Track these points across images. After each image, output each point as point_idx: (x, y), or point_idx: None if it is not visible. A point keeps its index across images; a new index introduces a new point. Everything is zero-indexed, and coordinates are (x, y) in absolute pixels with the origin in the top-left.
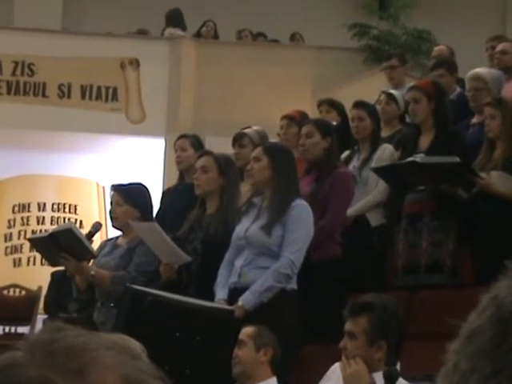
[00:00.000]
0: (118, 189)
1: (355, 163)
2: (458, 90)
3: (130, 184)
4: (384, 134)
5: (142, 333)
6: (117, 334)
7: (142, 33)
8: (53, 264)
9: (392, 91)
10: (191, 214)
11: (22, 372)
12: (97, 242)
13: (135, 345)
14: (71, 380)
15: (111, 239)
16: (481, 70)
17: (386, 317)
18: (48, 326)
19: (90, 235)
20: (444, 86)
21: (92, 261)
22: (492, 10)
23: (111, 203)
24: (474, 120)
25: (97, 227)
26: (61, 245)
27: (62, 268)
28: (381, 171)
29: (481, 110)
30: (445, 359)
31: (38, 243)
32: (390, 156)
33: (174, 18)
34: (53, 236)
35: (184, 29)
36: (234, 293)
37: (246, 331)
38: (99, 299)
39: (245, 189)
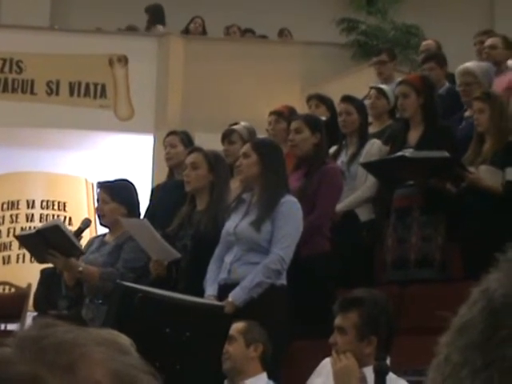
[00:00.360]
0: (104, 186)
1: (343, 158)
2: (447, 84)
3: (116, 181)
4: (374, 129)
5: (132, 329)
6: (106, 330)
7: (131, 29)
8: (41, 261)
9: (382, 86)
10: (181, 210)
11: (11, 368)
12: (86, 238)
13: (125, 340)
14: (61, 376)
15: (99, 236)
16: (470, 65)
17: (376, 312)
18: (37, 322)
19: (80, 231)
20: (434, 80)
21: (80, 258)
22: (480, 5)
23: (97, 200)
24: (467, 113)
25: (86, 223)
26: (48, 242)
27: (51, 265)
28: (370, 166)
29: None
30: (436, 352)
31: (25, 240)
32: (378, 151)
33: (157, 14)
34: (40, 233)
35: (164, 24)
36: (224, 289)
37: (237, 327)
38: (87, 296)
39: (234, 185)
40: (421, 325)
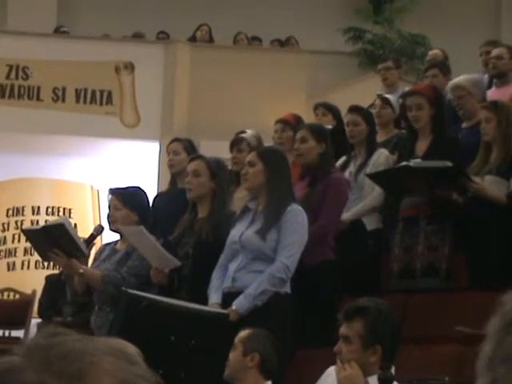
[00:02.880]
0: (116, 192)
1: (351, 169)
2: (449, 94)
3: (127, 187)
4: (380, 138)
5: (138, 337)
6: (114, 339)
7: (137, 36)
8: (44, 258)
9: (387, 95)
10: (183, 218)
11: (20, 377)
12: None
13: (132, 350)
14: None
15: (110, 243)
16: (458, 79)
17: (381, 321)
18: (45, 330)
19: (92, 238)
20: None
21: (90, 265)
22: (486, 15)
23: (109, 207)
24: (464, 125)
25: (99, 230)
26: (53, 239)
27: (56, 272)
28: (376, 177)
29: (469, 116)
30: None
31: (31, 235)
32: (385, 161)
33: None
34: (45, 229)
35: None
36: (228, 297)
37: (240, 335)
38: (96, 303)
39: (241, 194)
40: (426, 334)
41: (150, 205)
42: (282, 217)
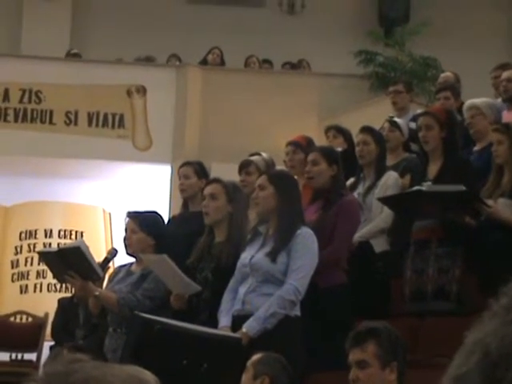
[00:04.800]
0: (133, 216)
1: (360, 190)
2: (459, 117)
3: (145, 212)
4: (389, 162)
5: (150, 360)
6: (131, 366)
7: (149, 60)
8: (59, 280)
9: (395, 119)
10: (199, 242)
11: None
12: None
13: (149, 377)
14: None
15: (125, 265)
16: (475, 100)
17: (393, 338)
18: (64, 357)
19: (107, 261)
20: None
21: (105, 287)
22: (498, 37)
23: (126, 230)
24: (476, 148)
25: (113, 253)
26: (68, 262)
27: (68, 295)
28: (387, 201)
29: (480, 137)
30: None
31: (46, 257)
32: (394, 183)
33: None
34: (61, 252)
35: None
36: (238, 320)
37: (252, 358)
38: (111, 325)
39: (251, 216)
40: (439, 358)
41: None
42: (292, 240)
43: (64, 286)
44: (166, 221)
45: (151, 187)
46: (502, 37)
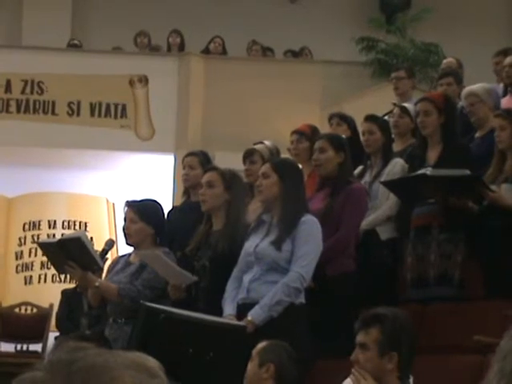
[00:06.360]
0: (132, 205)
1: (367, 178)
2: (461, 103)
3: (143, 200)
4: (397, 147)
5: (156, 349)
6: (135, 353)
7: (151, 49)
8: (59, 271)
9: (406, 104)
10: (198, 230)
11: None
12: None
13: (153, 363)
14: None
15: (124, 256)
16: (472, 86)
17: (398, 328)
18: (67, 345)
19: (104, 253)
20: (452, 96)
21: (106, 278)
22: (499, 23)
23: (125, 219)
24: (478, 134)
25: (110, 245)
26: (69, 252)
27: (72, 285)
28: (390, 185)
29: (481, 124)
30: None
31: (46, 248)
32: (400, 170)
33: None
34: (61, 242)
35: None
36: (243, 308)
37: (257, 346)
38: (110, 315)
39: (255, 206)
40: (443, 343)
41: (166, 218)
42: (296, 227)
43: (68, 276)
44: (167, 210)
45: (154, 177)
46: (504, 22)
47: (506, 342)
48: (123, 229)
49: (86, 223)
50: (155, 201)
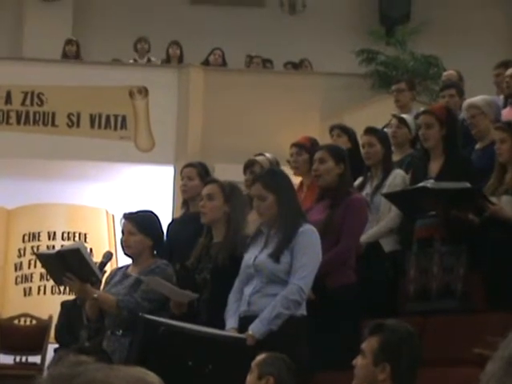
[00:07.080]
0: (129, 217)
1: (368, 190)
2: (462, 115)
3: (140, 212)
4: (395, 158)
5: (155, 362)
6: (135, 368)
7: (151, 61)
8: (57, 282)
9: (404, 115)
10: (198, 242)
11: None
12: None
13: (153, 378)
14: None
15: (122, 268)
16: (473, 99)
17: (396, 340)
18: (68, 359)
19: (102, 265)
20: (454, 108)
21: (102, 289)
22: (499, 35)
23: (123, 232)
24: (478, 146)
25: (108, 257)
26: (67, 264)
27: (72, 297)
28: (391, 197)
29: (482, 136)
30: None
31: (45, 259)
32: (401, 181)
33: None
34: (60, 254)
35: None
36: (244, 321)
37: (257, 358)
38: (109, 328)
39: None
40: (444, 356)
41: (165, 230)
42: (294, 238)
43: (68, 288)
44: (167, 222)
45: (154, 188)
46: (503, 35)
47: (490, 365)
48: (121, 241)
49: (85, 234)
50: (152, 212)
